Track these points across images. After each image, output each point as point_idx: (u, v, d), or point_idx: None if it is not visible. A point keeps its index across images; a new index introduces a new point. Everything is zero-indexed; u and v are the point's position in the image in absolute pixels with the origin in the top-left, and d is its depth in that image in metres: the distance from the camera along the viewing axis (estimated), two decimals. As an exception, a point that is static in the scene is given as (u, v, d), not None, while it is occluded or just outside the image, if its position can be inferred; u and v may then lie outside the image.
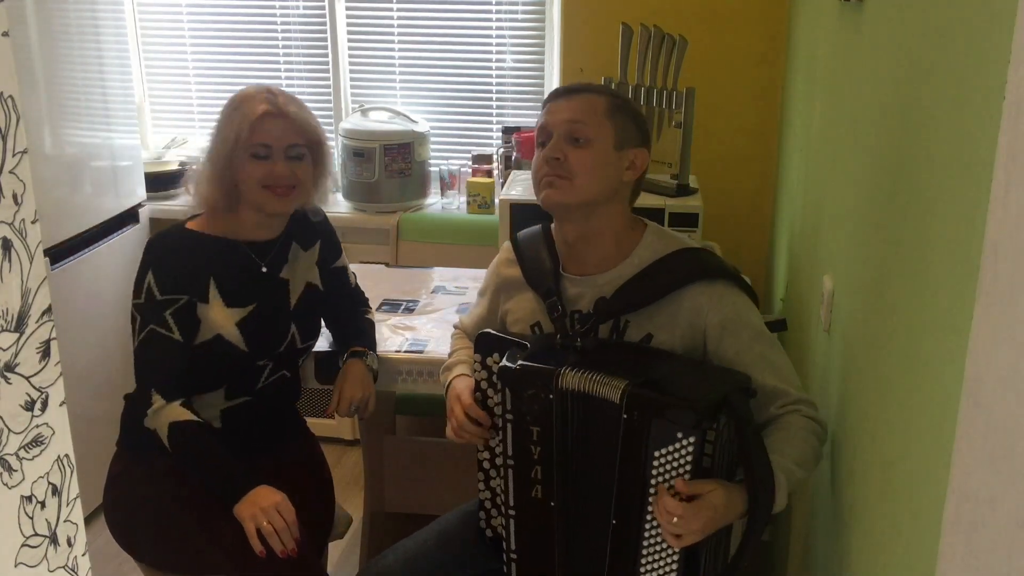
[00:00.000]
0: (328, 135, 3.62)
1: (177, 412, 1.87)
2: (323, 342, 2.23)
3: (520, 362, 1.59)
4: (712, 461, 1.44)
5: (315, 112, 2.08)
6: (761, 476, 1.43)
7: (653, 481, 1.45)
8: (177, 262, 1.93)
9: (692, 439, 1.40)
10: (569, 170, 1.65)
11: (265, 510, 1.81)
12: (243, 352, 1.96)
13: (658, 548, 1.50)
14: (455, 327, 2.04)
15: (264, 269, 2.02)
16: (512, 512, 1.64)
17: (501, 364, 1.62)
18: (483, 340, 1.74)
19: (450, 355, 1.95)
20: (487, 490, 1.81)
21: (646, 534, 1.49)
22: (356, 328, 2.20)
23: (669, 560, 1.49)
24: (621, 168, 1.69)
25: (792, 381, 1.63)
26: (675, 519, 1.39)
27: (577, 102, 1.68)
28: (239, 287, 1.97)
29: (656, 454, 1.44)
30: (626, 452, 1.47)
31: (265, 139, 1.92)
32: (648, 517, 1.48)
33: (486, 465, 1.80)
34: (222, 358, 1.95)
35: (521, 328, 1.80)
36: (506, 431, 1.61)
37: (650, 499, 1.46)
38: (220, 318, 1.94)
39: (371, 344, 2.18)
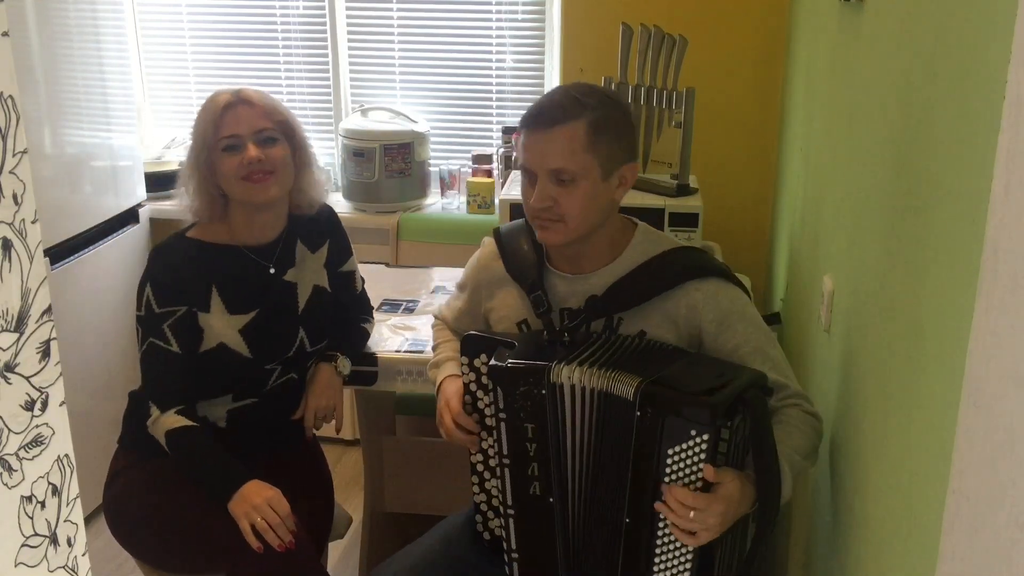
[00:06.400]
0: (328, 135, 3.65)
1: (172, 421, 1.89)
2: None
3: (510, 360, 1.58)
4: (726, 459, 1.45)
5: (315, 112, 2.10)
6: (769, 465, 1.43)
7: (667, 479, 1.45)
8: (176, 273, 1.92)
9: (706, 436, 1.40)
10: (560, 213, 1.62)
11: (258, 507, 1.81)
12: (247, 359, 1.96)
13: (672, 547, 1.49)
14: (435, 316, 2.03)
15: (272, 271, 2.01)
16: (511, 512, 1.64)
17: (491, 363, 1.60)
18: (469, 341, 1.72)
19: (435, 348, 1.94)
20: (482, 493, 1.80)
21: (659, 533, 1.49)
22: (342, 333, 2.18)
23: (683, 560, 1.48)
24: (611, 191, 1.65)
25: (789, 375, 1.64)
26: (691, 514, 1.39)
27: (556, 139, 1.59)
28: (242, 293, 1.97)
29: (670, 452, 1.43)
30: (639, 449, 1.47)
31: (231, 130, 1.91)
32: (662, 516, 1.47)
33: (480, 468, 1.79)
34: (227, 366, 1.95)
35: (506, 326, 1.79)
36: (500, 430, 1.60)
37: (663, 498, 1.46)
38: (222, 326, 1.94)
39: (349, 349, 2.16)
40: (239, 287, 1.97)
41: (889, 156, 1.34)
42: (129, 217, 3.16)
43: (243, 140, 1.91)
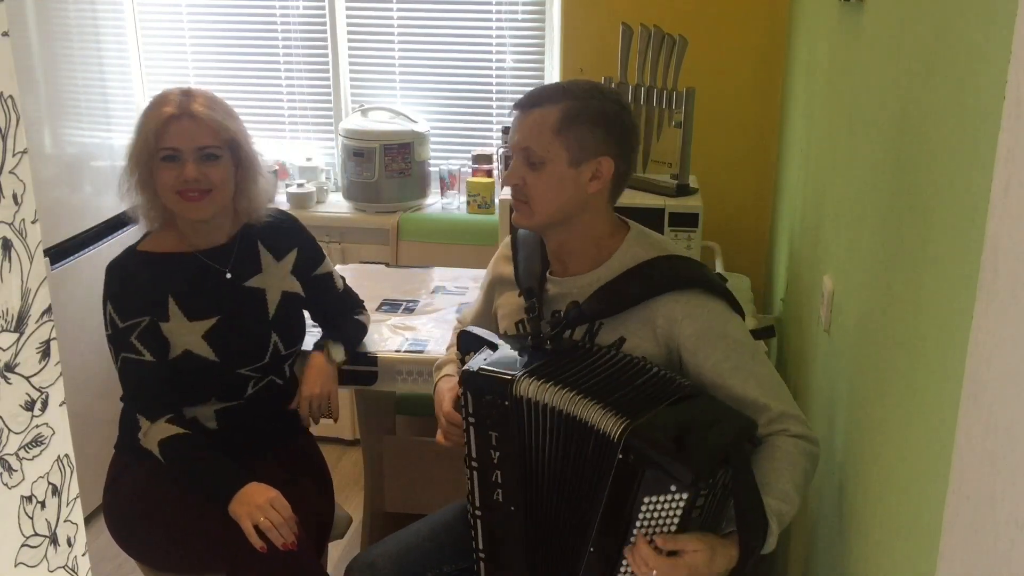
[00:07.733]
0: (328, 135, 3.64)
1: (164, 430, 1.88)
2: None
3: (480, 367, 1.57)
4: (702, 512, 1.40)
5: (315, 112, 2.06)
6: (753, 529, 1.39)
7: (637, 523, 1.39)
8: (131, 287, 1.92)
9: (685, 495, 1.36)
10: (526, 194, 1.64)
11: (260, 507, 1.81)
12: (215, 363, 1.94)
13: None
14: (458, 320, 2.05)
15: (228, 275, 2.00)
16: (478, 513, 1.63)
17: (464, 368, 1.60)
18: (463, 338, 1.75)
19: (447, 350, 1.97)
20: None
21: (621, 570, 1.44)
22: (336, 328, 2.18)
23: None
24: (583, 183, 1.62)
25: (776, 393, 1.56)
26: (653, 573, 1.35)
27: (528, 121, 1.62)
28: (200, 299, 1.95)
29: (646, 500, 1.38)
30: (615, 488, 1.42)
31: (173, 142, 1.87)
32: (624, 561, 1.43)
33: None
34: (198, 372, 1.94)
35: (507, 324, 1.81)
36: (469, 433, 1.60)
37: (632, 540, 1.40)
38: (183, 333, 1.93)
39: (345, 339, 2.15)
40: (196, 294, 1.95)
41: (889, 156, 1.34)
42: (129, 217, 3.15)
43: (183, 155, 1.87)
